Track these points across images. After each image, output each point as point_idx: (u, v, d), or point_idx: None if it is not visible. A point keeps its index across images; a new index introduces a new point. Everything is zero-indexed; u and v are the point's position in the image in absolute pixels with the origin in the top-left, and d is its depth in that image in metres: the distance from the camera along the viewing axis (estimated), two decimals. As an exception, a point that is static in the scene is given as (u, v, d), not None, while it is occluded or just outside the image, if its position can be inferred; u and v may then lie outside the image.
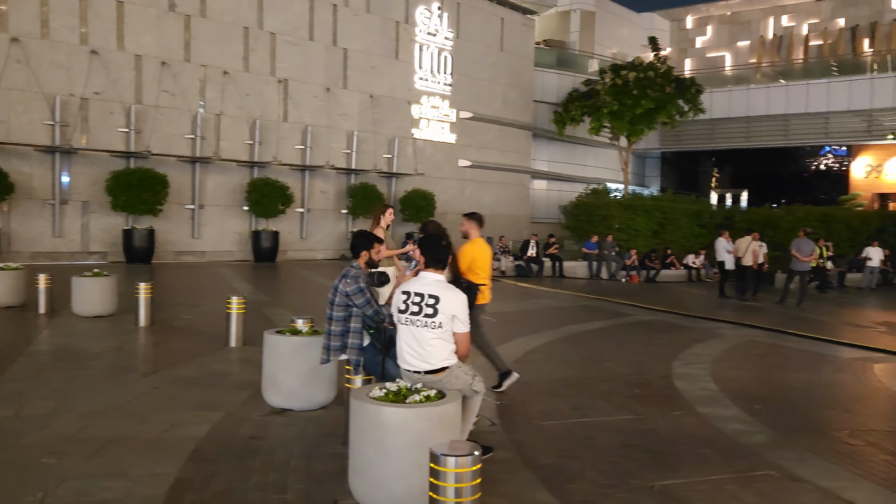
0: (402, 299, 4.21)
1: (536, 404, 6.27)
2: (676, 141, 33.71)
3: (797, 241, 15.23)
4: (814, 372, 8.27)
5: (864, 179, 33.05)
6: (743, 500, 4.19)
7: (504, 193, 27.50)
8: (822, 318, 13.67)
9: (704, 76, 31.76)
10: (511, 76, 27.62)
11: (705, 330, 11.11)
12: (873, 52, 32.13)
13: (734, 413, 6.12)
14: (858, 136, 31.03)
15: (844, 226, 22.87)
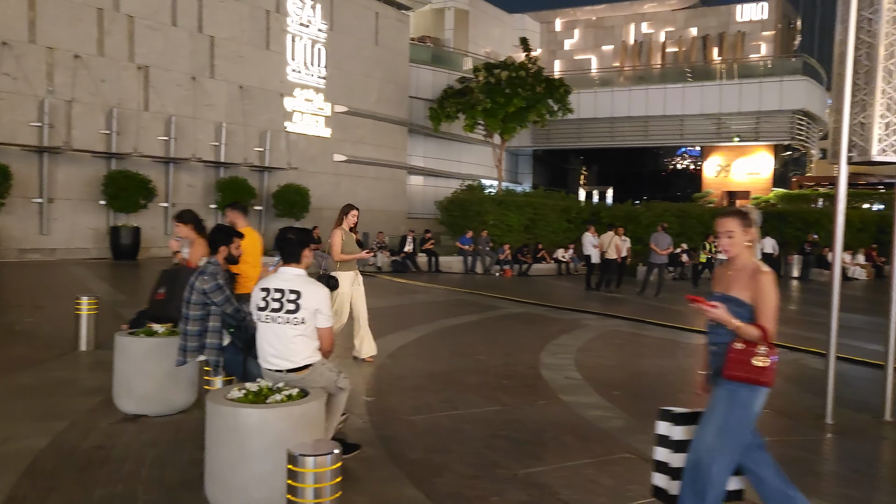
0: (262, 296, 4.04)
1: (406, 399, 6.25)
2: (547, 139, 34.95)
3: (655, 235, 16.17)
4: (668, 358, 8.79)
5: (714, 178, 35.71)
6: (599, 482, 4.36)
7: (380, 189, 27.39)
8: (678, 308, 14.58)
9: (572, 77, 33.09)
10: (386, 71, 27.53)
11: (572, 321, 11.54)
12: (721, 60, 34.74)
13: (595, 400, 6.38)
14: (709, 138, 33.50)
15: (697, 221, 24.56)
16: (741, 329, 3.20)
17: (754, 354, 3.20)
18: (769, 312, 3.23)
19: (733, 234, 3.34)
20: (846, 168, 5.81)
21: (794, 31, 40.00)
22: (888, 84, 5.56)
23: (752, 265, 3.32)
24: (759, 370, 3.19)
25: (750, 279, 3.28)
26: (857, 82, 5.69)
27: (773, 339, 3.23)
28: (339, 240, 7.35)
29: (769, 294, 3.24)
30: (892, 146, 5.65)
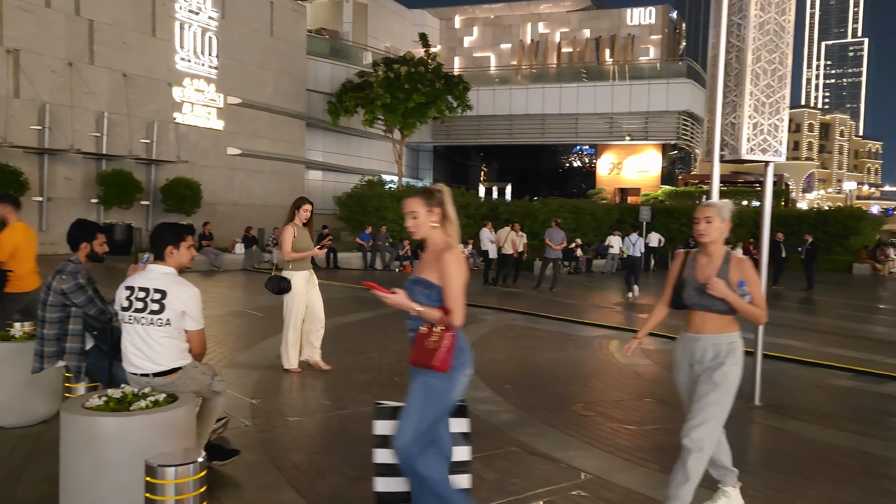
0: (126, 295, 3.76)
1: (294, 400, 6.06)
2: (447, 135, 35.17)
3: (550, 230, 16.55)
4: (559, 351, 8.98)
5: (607, 176, 37.06)
6: (485, 477, 4.35)
7: (277, 183, 26.70)
8: (571, 301, 14.97)
9: (471, 75, 33.44)
10: (282, 63, 26.84)
11: (468, 316, 11.46)
12: (613, 61, 36.03)
13: (486, 394, 6.40)
14: (602, 137, 34.71)
15: (591, 217, 25.43)
16: (423, 313, 3.05)
17: (430, 336, 3.03)
18: (454, 293, 3.05)
19: (417, 215, 3.14)
20: (719, 165, 6.09)
21: (679, 36, 42.04)
22: (755, 86, 5.86)
23: (441, 245, 3.14)
24: (430, 353, 2.98)
25: (436, 260, 3.10)
26: (728, 84, 5.97)
27: (459, 321, 3.06)
28: (289, 237, 6.81)
29: (453, 274, 3.05)
30: (760, 145, 5.96)
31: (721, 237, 3.68)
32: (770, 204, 6.57)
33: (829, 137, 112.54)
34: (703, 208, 3.69)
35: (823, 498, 4.24)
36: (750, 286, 3.62)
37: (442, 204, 3.18)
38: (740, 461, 4.96)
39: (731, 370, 3.66)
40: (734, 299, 3.57)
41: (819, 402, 6.90)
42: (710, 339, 3.72)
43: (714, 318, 3.71)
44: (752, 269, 3.67)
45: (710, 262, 3.70)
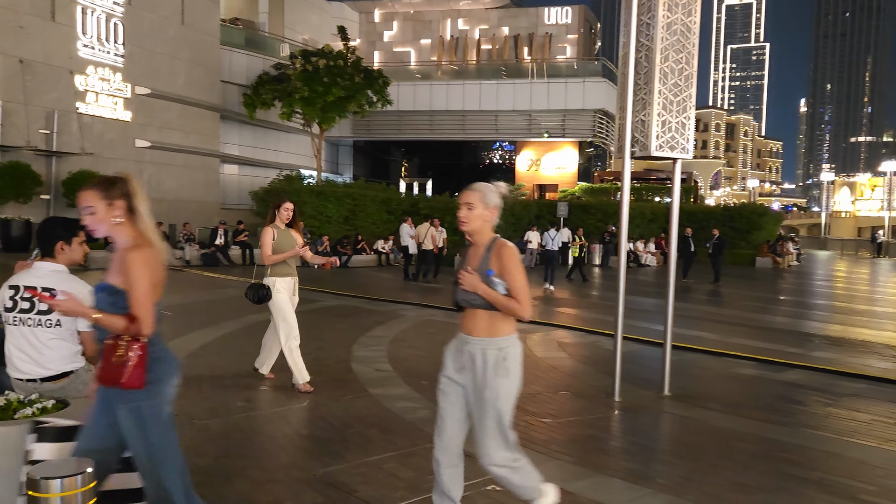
0: (9, 295, 3.49)
1: (202, 402, 5.82)
2: (367, 130, 34.84)
3: (469, 225, 16.63)
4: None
5: (527, 172, 37.63)
6: (400, 476, 4.29)
7: (190, 178, 25.77)
8: (490, 296, 15.09)
9: (391, 69, 33.23)
10: (195, 52, 25.89)
11: (388, 312, 11.52)
12: (531, 59, 36.58)
13: (403, 391, 6.34)
14: (521, 134, 35.20)
15: (510, 212, 25.73)
16: (101, 321, 2.65)
17: (116, 350, 2.65)
18: (139, 297, 2.63)
19: (95, 210, 2.74)
20: (630, 162, 6.23)
21: (595, 37, 43.11)
22: (664, 85, 6.01)
23: (126, 243, 2.73)
24: (117, 369, 2.62)
25: (121, 261, 2.69)
26: (638, 82, 6.11)
27: (148, 330, 2.68)
28: (268, 239, 6.17)
29: (138, 275, 2.64)
30: (668, 143, 6.13)
31: (485, 225, 3.24)
32: (679, 200, 6.77)
33: (735, 137, 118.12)
34: (465, 193, 3.24)
35: (727, 483, 4.38)
36: (507, 276, 3.15)
37: (127, 196, 2.77)
38: (652, 451, 5.10)
39: (501, 383, 3.21)
40: (485, 291, 3.12)
41: (725, 390, 7.18)
42: (479, 344, 3.22)
43: (482, 316, 3.21)
44: (513, 257, 3.18)
45: (475, 253, 3.26)
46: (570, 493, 4.11)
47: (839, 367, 8.17)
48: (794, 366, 8.18)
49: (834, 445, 5.28)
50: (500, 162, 44.59)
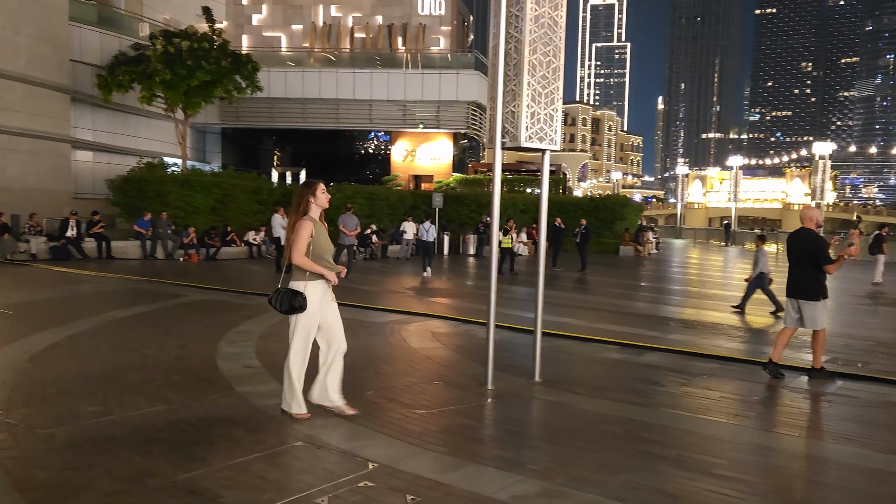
0: None
1: (47, 409, 5.31)
2: (236, 117, 33.51)
3: (343, 216, 16.36)
4: (352, 339, 8.74)
5: (402, 163, 37.61)
6: (267, 477, 4.09)
7: (37, 164, 23.67)
8: (365, 287, 14.93)
9: (261, 54, 32.08)
10: (40, 28, 23.72)
11: (258, 306, 11.09)
12: (405, 49, 36.52)
13: (273, 388, 6.09)
14: (396, 124, 35.12)
15: (386, 203, 25.63)
16: None
17: None
18: None
19: None
20: (501, 153, 6.29)
21: (468, 29, 43.69)
22: (532, 77, 6.11)
23: None
24: None
25: None
26: (508, 73, 6.17)
27: None
28: (306, 235, 5.00)
29: None
30: (537, 134, 6.24)
31: None
32: (547, 191, 6.93)
33: (600, 131, 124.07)
34: None
35: (592, 465, 4.53)
36: None
37: None
38: (523, 437, 5.18)
39: None
40: None
41: (592, 374, 7.46)
42: None
43: None
44: None
45: None
46: (444, 484, 4.09)
47: (693, 349, 8.73)
48: (654, 348, 8.66)
49: (689, 423, 5.60)
50: (375, 152, 44.30)
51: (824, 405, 6.41)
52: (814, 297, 7.13)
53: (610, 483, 4.22)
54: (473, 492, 4.02)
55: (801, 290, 7.21)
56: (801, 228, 7.48)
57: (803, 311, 7.20)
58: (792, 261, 7.38)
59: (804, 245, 7.25)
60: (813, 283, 7.13)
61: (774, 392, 6.69)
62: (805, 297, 7.17)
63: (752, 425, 5.58)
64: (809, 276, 7.14)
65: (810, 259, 7.14)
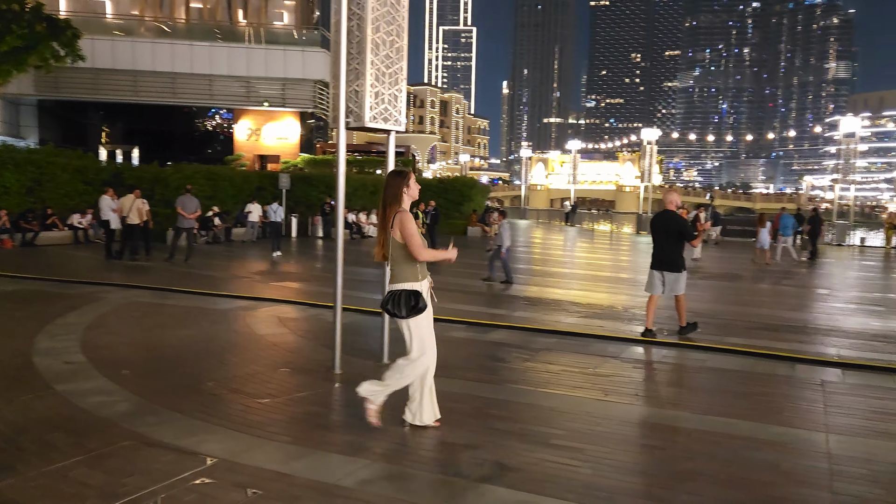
0: None
1: None
2: (55, 88, 30.52)
3: (182, 198, 15.43)
4: (192, 327, 8.36)
5: (246, 142, 36.08)
6: (90, 483, 3.75)
7: None
8: (208, 273, 14.20)
9: (83, 20, 29.35)
10: None
11: (84, 295, 10.20)
12: (247, 23, 34.92)
13: (98, 384, 5.61)
14: (239, 101, 33.58)
15: (229, 184, 24.49)
16: None
17: None
18: None
19: None
20: (344, 132, 6.14)
21: (313, 5, 42.52)
22: (376, 56, 6.00)
23: None
24: None
25: None
26: (351, 52, 6.02)
27: None
28: (415, 227, 4.58)
29: None
30: (382, 114, 6.15)
31: None
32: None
33: (448, 114, 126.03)
34: None
35: (439, 444, 4.57)
36: None
37: None
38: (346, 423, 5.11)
39: None
40: None
41: (441, 354, 7.47)
42: None
43: None
44: None
45: None
46: (287, 475, 3.95)
47: (535, 325, 9.09)
48: (499, 326, 8.92)
49: (531, 397, 5.81)
50: (216, 130, 42.14)
51: (654, 373, 6.90)
52: (676, 268, 8.25)
53: (455, 461, 4.27)
54: (318, 480, 3.91)
55: (666, 263, 8.28)
56: (664, 210, 8.53)
57: (667, 281, 8.29)
58: (657, 238, 8.43)
59: (670, 224, 8.31)
60: (676, 257, 8.28)
61: (609, 363, 7.11)
62: (669, 269, 8.27)
63: (590, 396, 5.88)
64: (673, 250, 8.28)
65: (676, 236, 8.23)
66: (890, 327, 9.79)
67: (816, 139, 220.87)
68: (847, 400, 5.94)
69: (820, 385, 6.40)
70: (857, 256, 25.15)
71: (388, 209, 4.62)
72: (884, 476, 4.22)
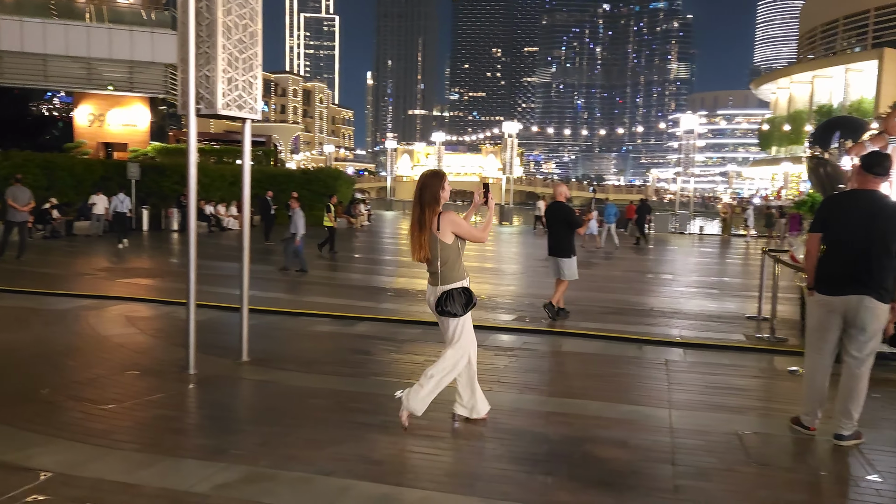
0: None
1: None
2: None
3: (12, 189, 14.06)
4: (23, 331, 7.63)
5: (88, 128, 33.49)
6: None
7: None
8: (44, 270, 13.04)
9: None
10: None
11: None
12: (87, 0, 32.30)
13: None
14: (80, 84, 31.08)
15: (69, 173, 22.64)
16: None
17: None
18: None
19: None
20: (195, 119, 5.81)
21: (164, -15, 40.11)
22: (228, 40, 5.72)
23: None
24: None
25: None
26: (201, 34, 5.69)
27: None
28: (464, 221, 4.68)
29: None
30: (236, 101, 5.88)
31: None
32: (249, 161, 6.61)
33: (311, 104, 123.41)
34: None
35: (301, 442, 4.44)
36: None
37: None
38: (227, 421, 4.90)
39: None
40: None
41: (303, 349, 7.37)
42: None
43: None
44: None
45: None
46: (133, 485, 3.70)
47: (402, 316, 9.10)
48: (365, 318, 8.84)
49: (395, 389, 5.78)
50: (54, 115, 38.76)
51: (515, 359, 7.10)
52: (567, 254, 8.99)
53: (318, 458, 4.18)
54: (168, 488, 3.69)
55: (559, 250, 9.01)
56: (555, 202, 9.35)
57: (560, 266, 8.99)
58: (552, 228, 9.21)
59: (560, 215, 9.09)
60: (567, 244, 9.01)
61: (471, 351, 7.23)
62: (562, 255, 8.99)
63: (453, 385, 5.95)
64: (564, 238, 9.01)
65: (566, 225, 9.00)
66: (725, 308, 10.69)
67: (661, 135, 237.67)
68: (687, 377, 6.41)
69: (664, 364, 6.86)
70: (697, 244, 27.32)
71: (429, 210, 4.59)
72: (718, 446, 4.59)
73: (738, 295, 12.37)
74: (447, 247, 4.58)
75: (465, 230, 4.63)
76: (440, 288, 4.61)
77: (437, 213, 4.59)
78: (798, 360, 6.55)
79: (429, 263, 4.68)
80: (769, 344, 7.87)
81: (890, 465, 4.35)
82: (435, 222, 4.56)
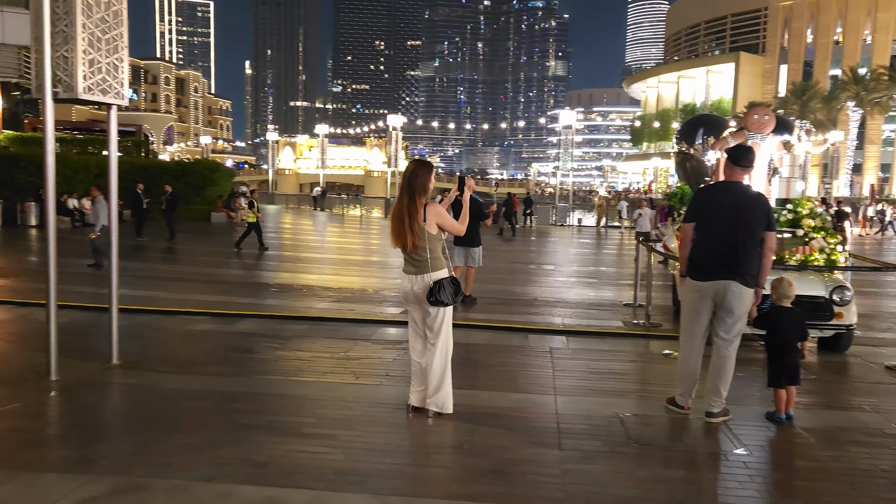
0: None
1: None
2: None
3: None
4: None
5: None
6: None
7: None
8: None
9: None
10: None
11: None
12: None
13: None
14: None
15: None
16: None
17: None
18: None
19: None
20: (52, 104, 5.33)
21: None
22: (89, 19, 5.28)
23: None
24: None
25: None
26: (57, 11, 5.23)
27: None
28: (447, 213, 4.79)
29: None
30: (99, 85, 5.45)
31: None
32: (116, 152, 6.16)
33: (185, 92, 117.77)
34: None
35: (177, 447, 4.18)
36: None
37: None
38: (95, 430, 4.52)
39: None
40: None
41: (179, 350, 6.97)
42: None
43: None
44: None
45: None
46: (-16, 508, 3.33)
47: (286, 312, 8.83)
48: (247, 315, 8.51)
49: (281, 387, 5.59)
50: None
51: (403, 353, 7.03)
52: (475, 244, 9.68)
53: (196, 464, 3.94)
54: (26, 508, 3.35)
55: (469, 240, 9.46)
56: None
57: (469, 254, 9.65)
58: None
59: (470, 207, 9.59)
60: (475, 235, 9.64)
61: (360, 346, 7.12)
62: (471, 245, 9.60)
63: (341, 380, 5.82)
64: (472, 229, 9.27)
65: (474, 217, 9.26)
66: (603, 297, 11.14)
67: (541, 130, 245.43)
68: (571, 364, 6.61)
69: (549, 352, 7.04)
70: (576, 235, 28.39)
71: (418, 200, 4.61)
72: (600, 430, 4.74)
73: (614, 283, 12.94)
74: (433, 237, 4.66)
75: (448, 222, 4.74)
76: (430, 276, 4.64)
77: (424, 203, 4.64)
78: (672, 343, 6.92)
79: (413, 252, 4.66)
80: (645, 329, 8.26)
81: (755, 439, 4.66)
82: (422, 213, 4.60)
